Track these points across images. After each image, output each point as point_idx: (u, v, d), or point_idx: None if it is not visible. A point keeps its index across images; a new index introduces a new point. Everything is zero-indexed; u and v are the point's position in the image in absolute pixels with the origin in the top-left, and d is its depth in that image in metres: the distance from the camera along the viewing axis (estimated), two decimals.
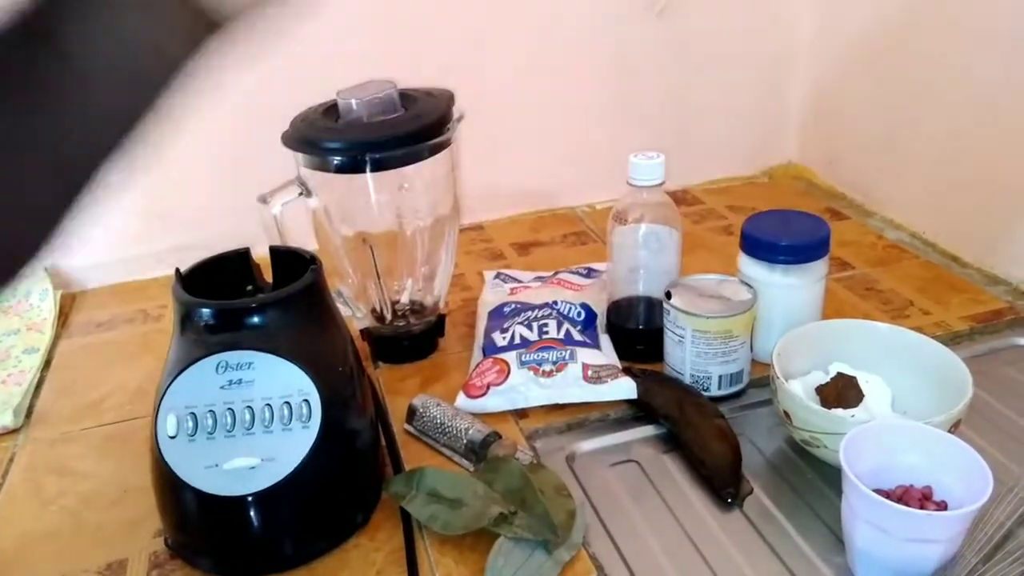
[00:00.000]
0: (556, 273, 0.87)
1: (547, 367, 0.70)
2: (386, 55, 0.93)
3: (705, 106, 1.11)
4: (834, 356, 0.67)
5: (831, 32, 1.07)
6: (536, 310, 0.76)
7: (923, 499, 0.52)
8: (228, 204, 0.94)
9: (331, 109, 0.68)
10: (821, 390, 0.64)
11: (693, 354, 0.68)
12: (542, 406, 0.69)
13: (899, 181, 0.99)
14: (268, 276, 0.63)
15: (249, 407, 0.53)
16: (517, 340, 0.73)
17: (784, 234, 0.69)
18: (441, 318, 0.78)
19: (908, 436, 0.54)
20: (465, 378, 0.72)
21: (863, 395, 0.63)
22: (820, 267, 0.70)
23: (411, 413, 0.67)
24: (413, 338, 0.77)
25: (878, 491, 0.50)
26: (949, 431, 0.55)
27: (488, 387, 0.69)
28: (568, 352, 0.70)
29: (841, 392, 0.63)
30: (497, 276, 0.88)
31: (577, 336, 0.73)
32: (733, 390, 0.69)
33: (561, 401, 0.69)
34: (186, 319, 0.55)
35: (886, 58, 0.97)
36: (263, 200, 0.65)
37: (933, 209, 0.94)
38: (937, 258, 0.91)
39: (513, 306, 0.79)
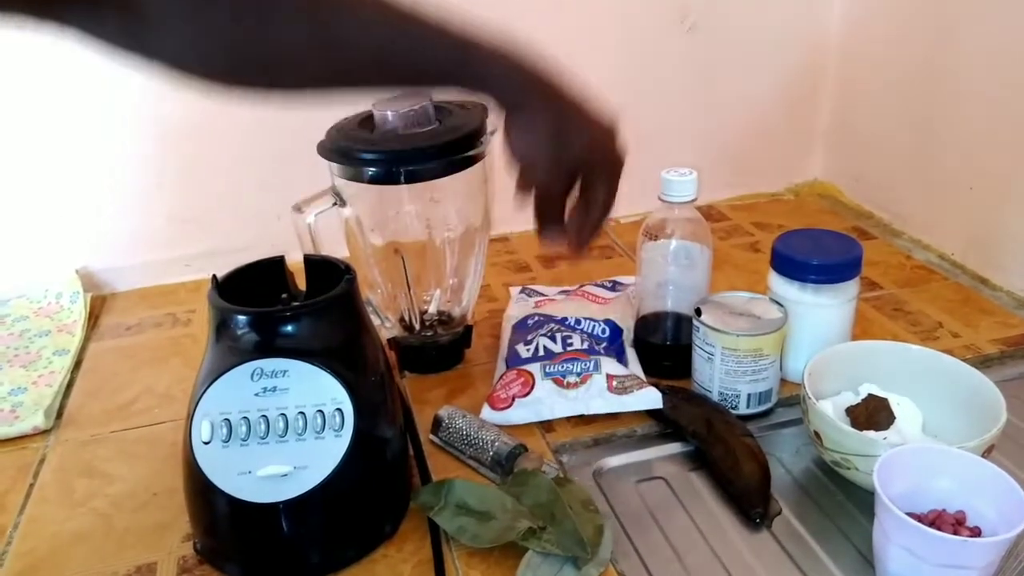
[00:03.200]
0: (581, 286, 0.87)
1: (571, 378, 0.70)
2: None
3: (731, 122, 1.11)
4: (865, 377, 0.66)
5: (859, 49, 1.06)
6: (560, 329, 0.76)
7: (956, 524, 0.52)
8: (257, 211, 0.95)
9: (366, 120, 0.69)
10: (852, 411, 0.64)
11: (722, 372, 0.67)
12: (568, 420, 0.69)
13: (927, 201, 0.99)
14: (301, 284, 0.63)
15: (283, 415, 0.53)
16: (541, 352, 0.73)
17: (816, 253, 0.69)
18: (468, 329, 0.78)
19: (942, 460, 0.54)
20: (490, 390, 0.72)
21: (894, 417, 0.63)
22: (851, 287, 0.70)
23: (436, 424, 0.67)
24: (440, 348, 0.77)
25: (910, 515, 0.49)
26: (982, 456, 0.55)
27: (513, 399, 0.69)
28: (592, 363, 0.70)
29: (872, 414, 0.63)
30: (522, 291, 0.88)
31: (602, 351, 0.73)
32: (761, 409, 0.69)
33: (586, 412, 0.69)
34: (222, 326, 0.55)
35: (914, 75, 0.97)
36: (298, 209, 0.66)
37: (962, 230, 0.94)
38: (966, 280, 0.91)
39: (537, 318, 0.79)
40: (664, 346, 0.75)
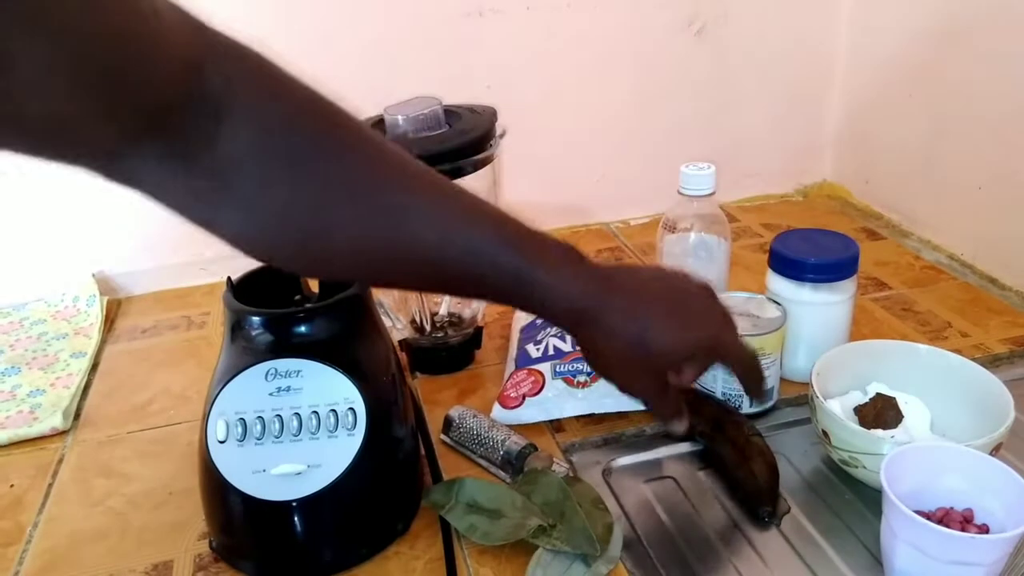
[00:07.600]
0: None
1: (581, 378, 0.70)
2: (431, 72, 0.95)
3: (741, 124, 1.11)
4: (873, 377, 0.67)
5: (868, 50, 1.07)
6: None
7: (964, 522, 0.52)
8: None
9: (377, 124, 0.70)
10: (860, 410, 0.64)
11: (725, 372, 0.68)
12: (578, 419, 0.70)
13: (937, 201, 0.99)
14: (314, 286, 0.64)
15: (297, 414, 0.54)
16: (551, 351, 0.74)
17: (813, 252, 0.69)
18: (478, 331, 0.79)
19: (950, 458, 0.54)
20: (500, 389, 0.72)
21: (902, 416, 0.63)
22: (849, 286, 0.70)
23: (447, 424, 0.68)
24: (450, 350, 0.78)
25: (918, 513, 0.50)
26: (990, 454, 0.55)
27: (524, 398, 0.70)
28: None
29: (880, 413, 0.63)
30: None
31: None
32: (764, 407, 0.70)
33: (596, 411, 0.69)
34: (236, 327, 0.56)
35: (924, 76, 0.97)
36: None
37: (971, 230, 0.94)
38: (975, 280, 0.91)
39: None
40: None
